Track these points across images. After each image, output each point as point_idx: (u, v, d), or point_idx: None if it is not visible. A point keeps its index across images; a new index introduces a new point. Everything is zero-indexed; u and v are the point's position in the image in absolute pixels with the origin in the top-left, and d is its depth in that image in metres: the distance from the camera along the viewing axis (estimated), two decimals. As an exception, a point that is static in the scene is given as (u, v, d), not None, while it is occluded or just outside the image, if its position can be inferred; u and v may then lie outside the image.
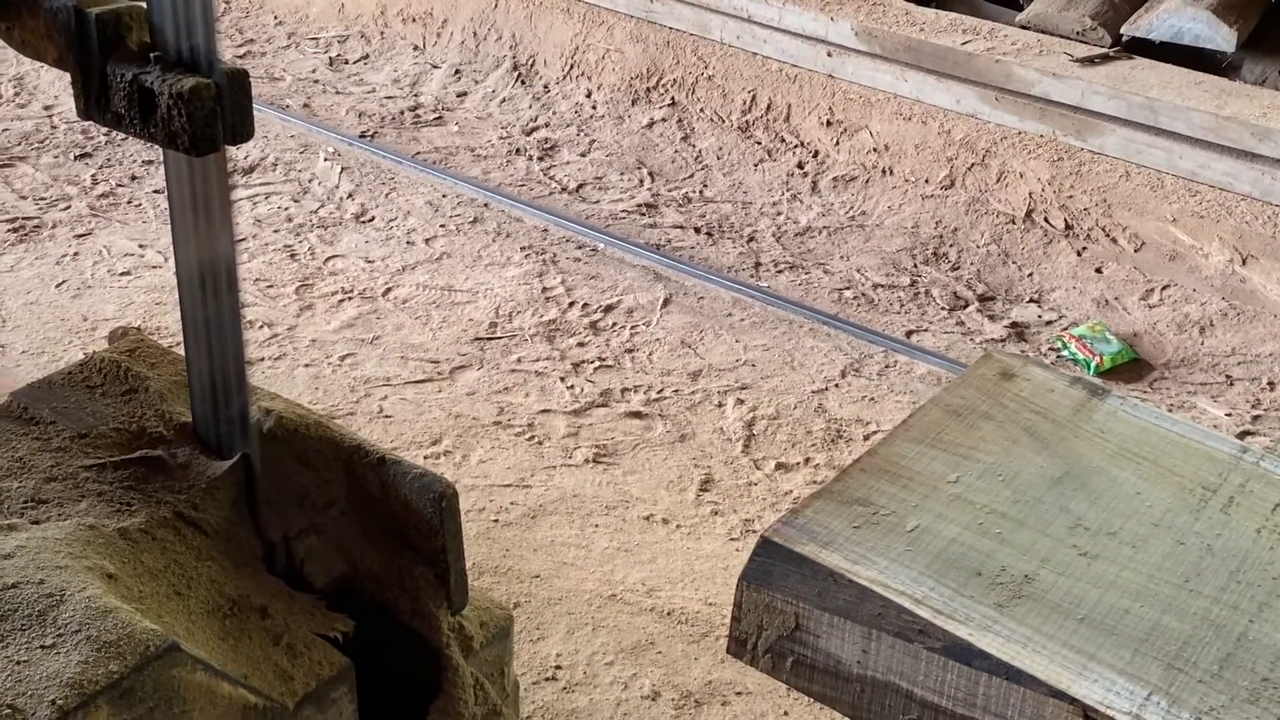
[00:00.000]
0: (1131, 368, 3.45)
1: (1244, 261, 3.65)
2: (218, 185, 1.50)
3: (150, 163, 4.27)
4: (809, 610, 1.29)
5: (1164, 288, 3.72)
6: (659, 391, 3.22)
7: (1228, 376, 3.42)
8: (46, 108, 4.63)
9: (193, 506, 1.59)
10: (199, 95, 1.37)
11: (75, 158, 4.30)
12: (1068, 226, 3.90)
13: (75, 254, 3.75)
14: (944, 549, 1.34)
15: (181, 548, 1.55)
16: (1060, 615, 1.27)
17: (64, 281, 3.61)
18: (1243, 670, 1.23)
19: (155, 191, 4.10)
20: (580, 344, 3.40)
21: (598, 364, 3.32)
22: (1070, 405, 1.58)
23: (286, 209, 4.05)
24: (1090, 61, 3.90)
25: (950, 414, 1.53)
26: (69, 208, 3.99)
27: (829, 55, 4.27)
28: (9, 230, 3.83)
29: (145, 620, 1.37)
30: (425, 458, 2.93)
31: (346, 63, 5.14)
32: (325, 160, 4.33)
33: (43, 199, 4.04)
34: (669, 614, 2.54)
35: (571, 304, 3.56)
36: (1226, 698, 1.20)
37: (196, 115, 1.38)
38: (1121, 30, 4.17)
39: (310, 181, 4.21)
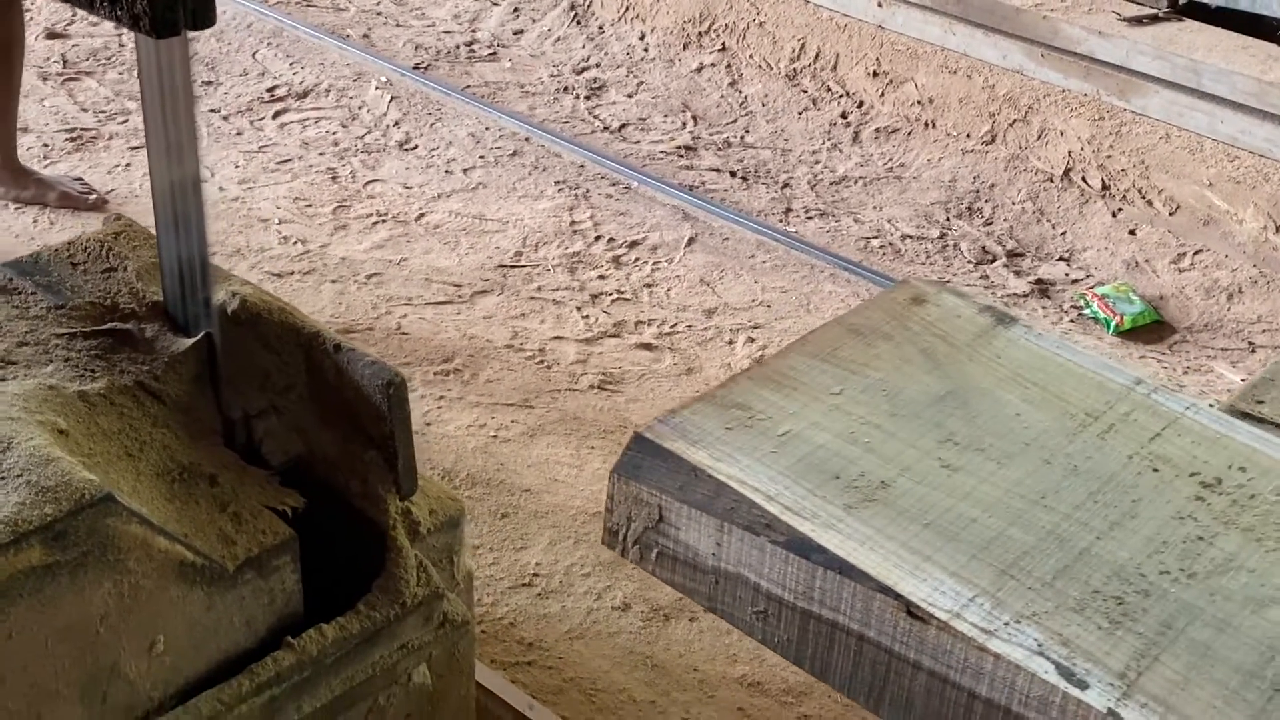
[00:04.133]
0: (1153, 329, 3.44)
1: (1278, 229, 3.60)
2: (182, 74, 1.58)
3: (209, 83, 4.39)
4: (671, 503, 1.33)
5: (1196, 252, 3.69)
6: (672, 326, 3.28)
7: (1250, 343, 3.40)
8: (118, 26, 4.76)
9: (154, 378, 1.67)
10: (159, -21, 1.45)
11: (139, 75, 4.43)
12: (1104, 187, 3.88)
13: (127, 165, 3.88)
14: (809, 453, 1.36)
15: (138, 414, 1.63)
16: (906, 520, 1.29)
17: (113, 189, 3.74)
18: (1075, 582, 1.24)
19: (210, 110, 4.22)
20: (601, 277, 3.46)
21: (615, 296, 3.38)
22: (973, 331, 1.57)
23: (334, 134, 4.15)
24: (1138, 21, 3.85)
25: (851, 332, 1.54)
26: (126, 121, 4.12)
27: (879, 5, 4.27)
28: (67, 139, 3.97)
29: (86, 472, 1.45)
30: (435, 374, 3.01)
31: (411, -3, 5.22)
32: (376, 89, 4.42)
33: (102, 112, 4.17)
34: (652, 534, 2.60)
35: (598, 238, 3.62)
36: (1052, 605, 1.21)
37: (157, -2, 1.45)
38: (1178, -8, 4.11)
39: (360, 109, 4.30)
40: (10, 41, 3.38)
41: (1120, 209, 3.84)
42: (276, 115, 4.22)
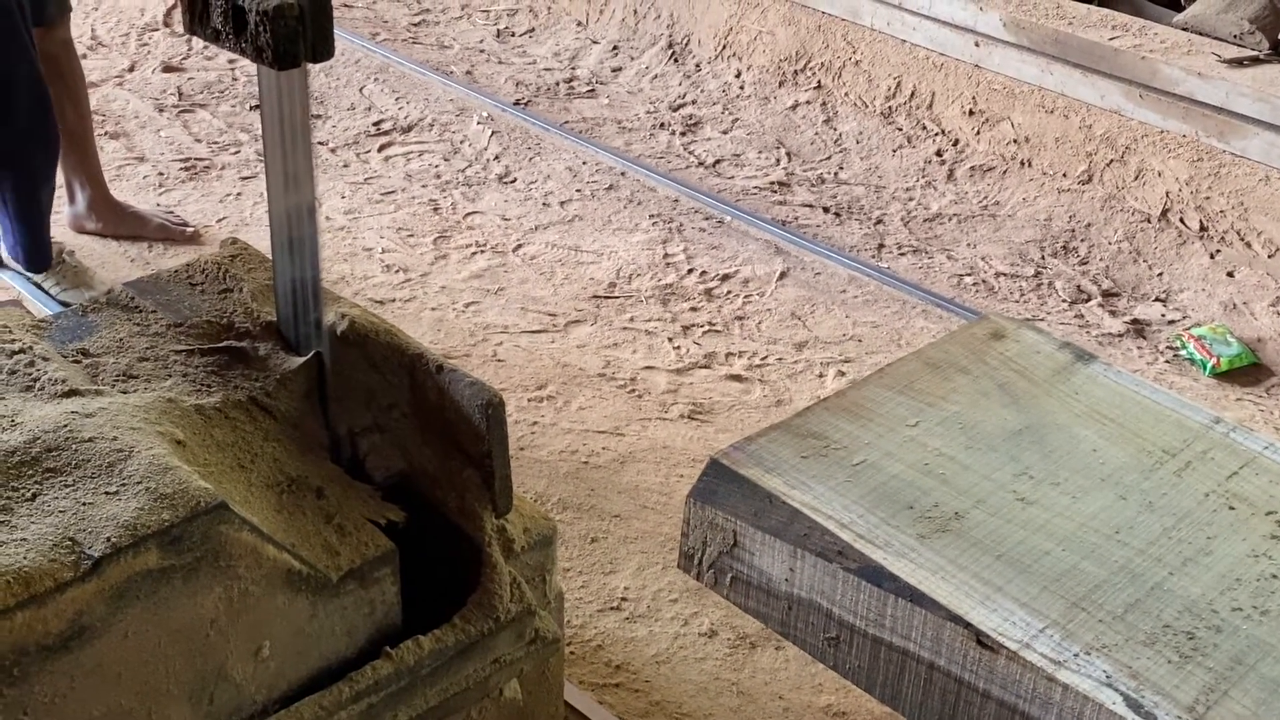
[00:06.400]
0: (1250, 372, 3.40)
1: (1382, 273, 3.55)
2: (300, 104, 1.65)
3: (318, 117, 4.52)
4: (745, 528, 1.34)
5: (1296, 295, 3.65)
6: (762, 358, 3.31)
7: (1351, 388, 3.35)
8: (230, 60, 4.92)
9: (266, 394, 1.75)
10: (282, 14, 1.53)
11: (251, 107, 4.58)
12: (1202, 228, 3.85)
13: (239, 194, 4.01)
14: (884, 483, 1.37)
15: (251, 427, 1.71)
16: (978, 550, 1.30)
17: (224, 218, 3.87)
18: (1147, 616, 1.24)
19: (318, 143, 4.35)
20: (693, 309, 3.50)
21: (707, 328, 3.42)
22: (1052, 367, 1.58)
23: (436, 166, 4.25)
24: (1238, 64, 3.83)
25: (928, 366, 1.55)
26: (239, 152, 4.26)
27: (976, 45, 4.28)
28: (181, 168, 4.12)
29: (202, 481, 1.52)
30: (529, 400, 3.07)
31: (513, 35, 5.34)
32: (478, 124, 4.52)
33: (216, 143, 4.32)
34: (739, 563, 2.63)
35: (690, 271, 3.67)
36: (1122, 638, 1.21)
37: (280, 32, 1.53)
38: (1280, 35, 4.08)
39: (462, 143, 4.41)
40: (73, 80, 3.47)
41: (1218, 250, 3.81)
42: (382, 149, 4.33)
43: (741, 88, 4.76)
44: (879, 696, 1.33)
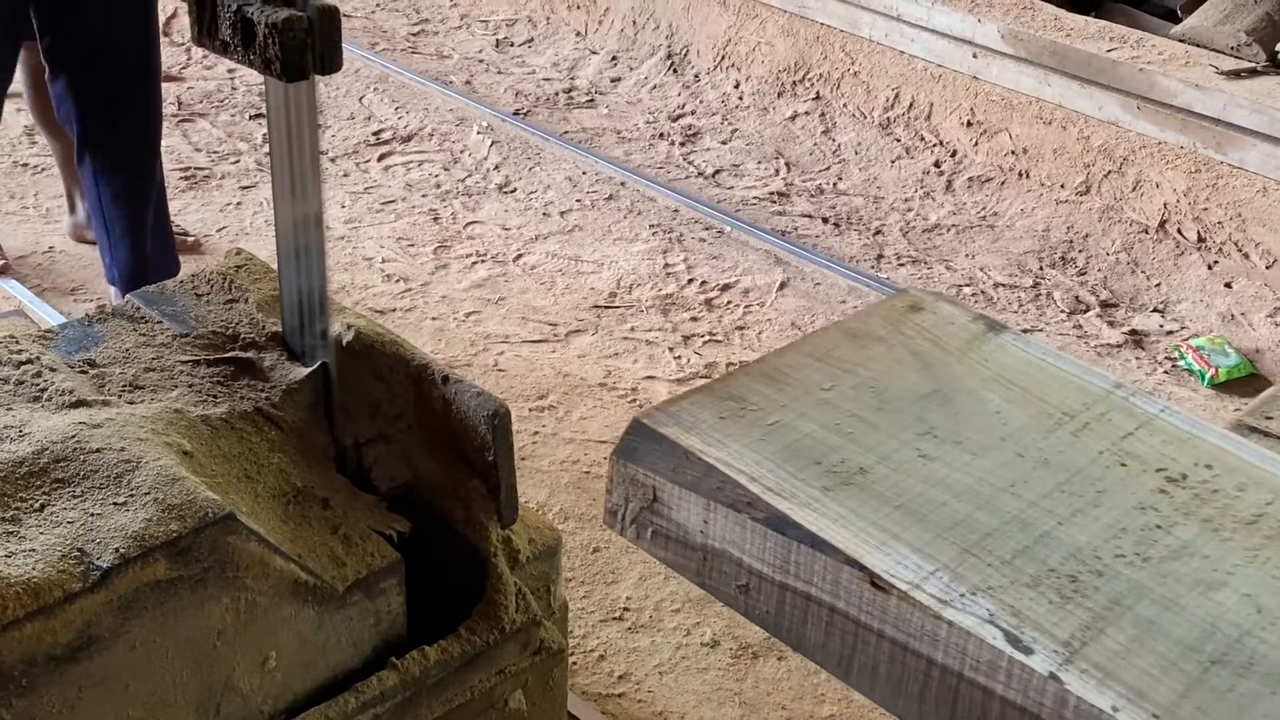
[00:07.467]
0: (1248, 382, 3.41)
1: (1379, 284, 3.57)
2: (308, 116, 1.66)
3: (317, 126, 4.53)
4: (664, 484, 1.41)
5: (1294, 306, 3.66)
6: (763, 368, 3.32)
7: (1349, 399, 3.35)
8: (230, 70, 4.93)
9: (272, 404, 1.75)
10: (291, 26, 1.53)
11: (250, 117, 4.59)
12: (1200, 239, 3.86)
13: (238, 203, 4.02)
14: (795, 441, 1.43)
15: (257, 438, 1.71)
16: (879, 501, 1.36)
17: (224, 227, 3.87)
18: (1033, 560, 1.30)
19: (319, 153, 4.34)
20: (693, 318, 3.51)
21: (707, 338, 3.43)
22: (965, 337, 1.64)
23: (436, 176, 4.26)
24: (1236, 75, 3.85)
25: (848, 335, 1.62)
26: (238, 161, 4.27)
27: (974, 56, 4.30)
28: (181, 178, 4.12)
29: (209, 492, 1.53)
30: (530, 410, 3.08)
31: (512, 45, 5.35)
32: (478, 133, 4.53)
33: (215, 152, 4.32)
34: (741, 573, 2.64)
35: (690, 281, 3.68)
36: (1008, 581, 1.27)
37: (288, 44, 1.54)
38: (1278, 48, 4.09)
39: (462, 152, 4.42)
40: None
41: (1216, 261, 3.82)
42: (382, 158, 4.34)
43: (740, 98, 4.77)
44: (786, 640, 1.40)
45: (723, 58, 4.91)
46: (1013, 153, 4.25)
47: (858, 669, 1.31)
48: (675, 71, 4.96)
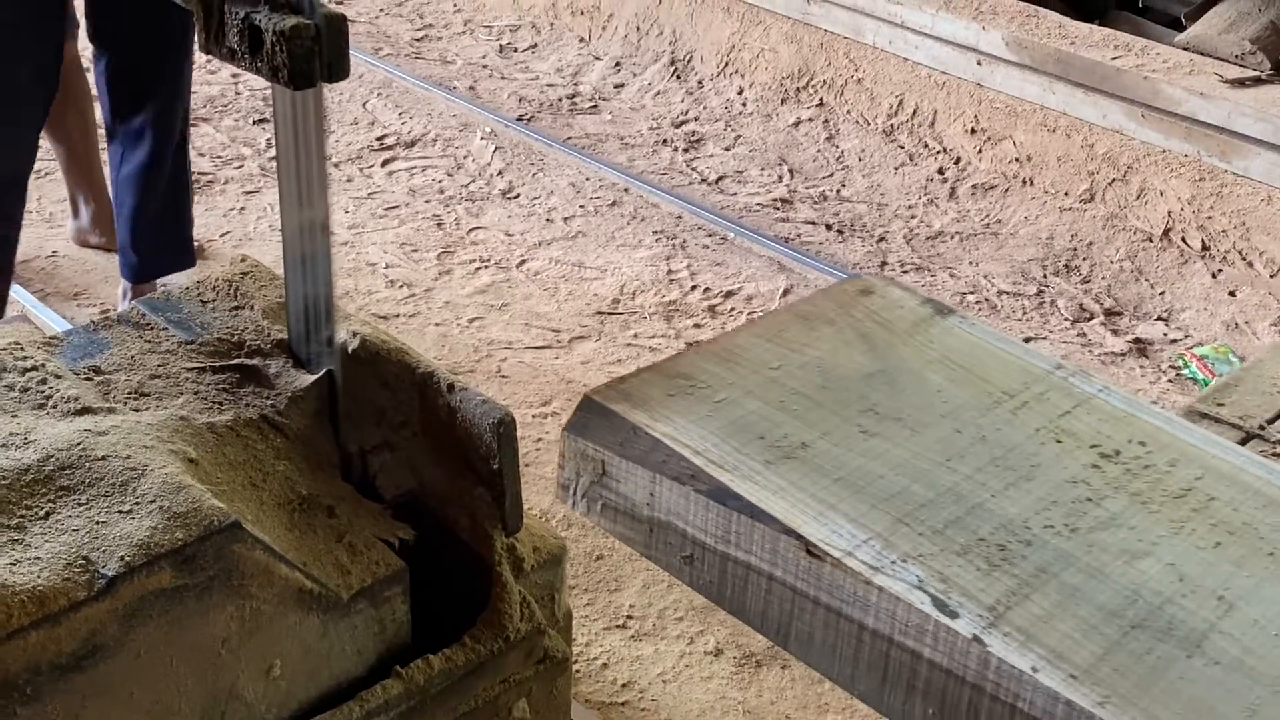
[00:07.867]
0: (1252, 391, 3.40)
1: (1384, 294, 3.56)
2: (315, 123, 1.66)
3: (324, 134, 4.53)
4: (612, 458, 1.46)
5: (1298, 315, 3.66)
6: (767, 375, 3.31)
7: (1354, 408, 3.35)
8: (234, 75, 4.94)
9: (277, 412, 1.75)
10: (299, 34, 1.53)
11: (254, 122, 4.59)
12: (1204, 247, 3.86)
13: (242, 209, 4.02)
14: (740, 417, 1.47)
15: (263, 446, 1.71)
16: (818, 474, 1.40)
17: (228, 232, 3.87)
18: (964, 530, 1.34)
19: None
20: (696, 325, 3.51)
21: (711, 345, 3.42)
22: (913, 319, 1.67)
23: (440, 182, 4.26)
24: (1240, 84, 3.85)
25: (798, 317, 1.65)
26: (242, 166, 4.27)
27: (979, 64, 4.30)
28: (184, 183, 4.12)
29: (215, 500, 1.53)
30: (533, 416, 3.08)
31: (515, 50, 5.35)
32: (481, 139, 4.53)
33: (219, 158, 4.32)
34: (744, 581, 2.63)
35: (694, 287, 3.68)
36: (938, 549, 1.31)
37: (296, 52, 1.54)
38: (1282, 55, 4.10)
39: (465, 158, 4.42)
40: (78, 95, 3.47)
41: (1220, 270, 3.82)
42: (385, 163, 4.34)
43: (744, 105, 4.77)
44: (728, 609, 1.44)
45: (726, 64, 4.91)
46: (1017, 160, 4.25)
47: (795, 636, 1.36)
48: (679, 78, 4.96)
